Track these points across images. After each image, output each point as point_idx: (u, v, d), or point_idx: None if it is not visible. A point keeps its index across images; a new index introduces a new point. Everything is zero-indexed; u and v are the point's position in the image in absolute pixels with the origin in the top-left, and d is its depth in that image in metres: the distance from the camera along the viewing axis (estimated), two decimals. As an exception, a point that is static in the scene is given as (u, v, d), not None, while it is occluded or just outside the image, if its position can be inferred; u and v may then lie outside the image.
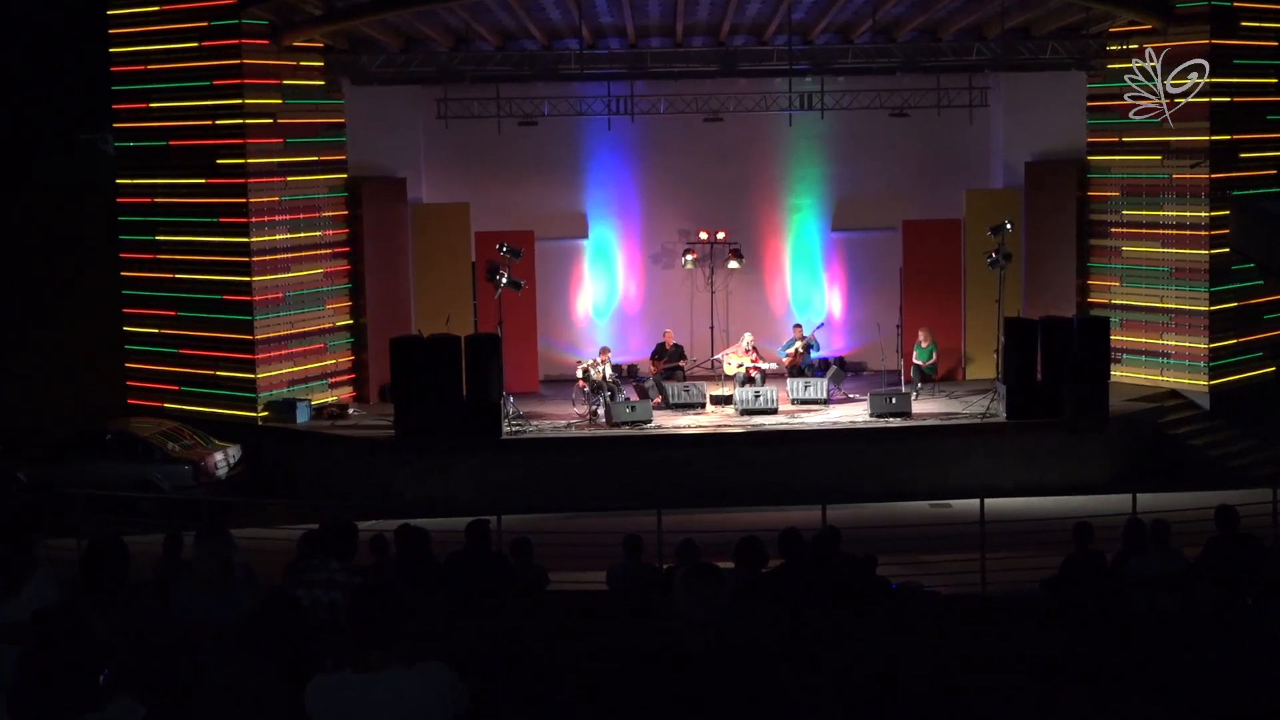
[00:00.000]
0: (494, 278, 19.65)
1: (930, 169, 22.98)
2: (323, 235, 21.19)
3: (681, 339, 22.14)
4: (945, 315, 22.32)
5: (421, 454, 18.70)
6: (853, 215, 23.35)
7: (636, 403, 19.77)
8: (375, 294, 21.62)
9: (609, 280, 23.68)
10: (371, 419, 20.18)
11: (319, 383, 21.14)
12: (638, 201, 23.49)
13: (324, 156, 21.05)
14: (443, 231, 22.13)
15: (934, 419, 19.42)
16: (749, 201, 23.38)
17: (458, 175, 22.89)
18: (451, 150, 22.67)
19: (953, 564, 13.44)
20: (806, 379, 20.77)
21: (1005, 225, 20.01)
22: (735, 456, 18.78)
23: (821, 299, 23.68)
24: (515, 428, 19.15)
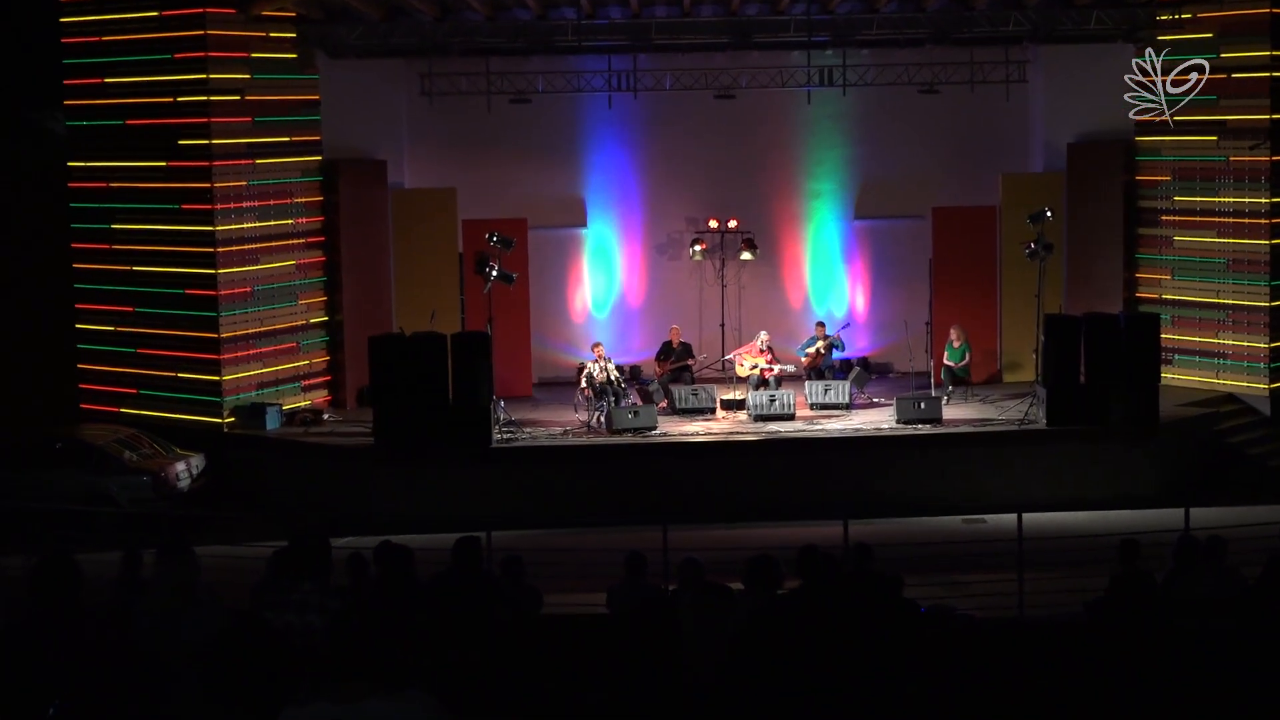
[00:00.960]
0: (483, 270, 19.65)
1: (963, 151, 22.97)
2: (295, 224, 21.19)
3: (689, 337, 22.14)
4: (979, 312, 22.31)
5: (403, 464, 18.71)
6: (877, 202, 23.35)
7: (640, 407, 19.77)
8: (353, 288, 21.63)
9: (610, 273, 23.69)
10: (348, 425, 20.19)
11: (291, 385, 21.15)
12: (641, 187, 23.50)
13: (296, 137, 21.06)
14: (427, 219, 22.13)
15: (967, 426, 19.41)
16: (763, 187, 23.37)
17: (443, 158, 22.89)
18: (437, 130, 22.66)
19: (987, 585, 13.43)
20: (827, 382, 20.78)
21: (1045, 213, 20.00)
22: (748, 467, 18.78)
23: (843, 293, 23.68)
24: (506, 435, 19.15)
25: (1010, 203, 22.03)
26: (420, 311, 20.59)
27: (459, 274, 22.04)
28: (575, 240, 23.59)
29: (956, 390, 21.13)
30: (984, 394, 21.35)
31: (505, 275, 19.76)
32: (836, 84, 22.02)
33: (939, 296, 22.40)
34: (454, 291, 22.07)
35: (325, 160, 21.40)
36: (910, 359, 21.02)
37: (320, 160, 21.36)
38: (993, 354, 22.56)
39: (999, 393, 21.41)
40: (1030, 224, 20.20)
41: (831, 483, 18.45)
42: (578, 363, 21.94)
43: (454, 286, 22.09)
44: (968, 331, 21.54)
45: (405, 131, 22.63)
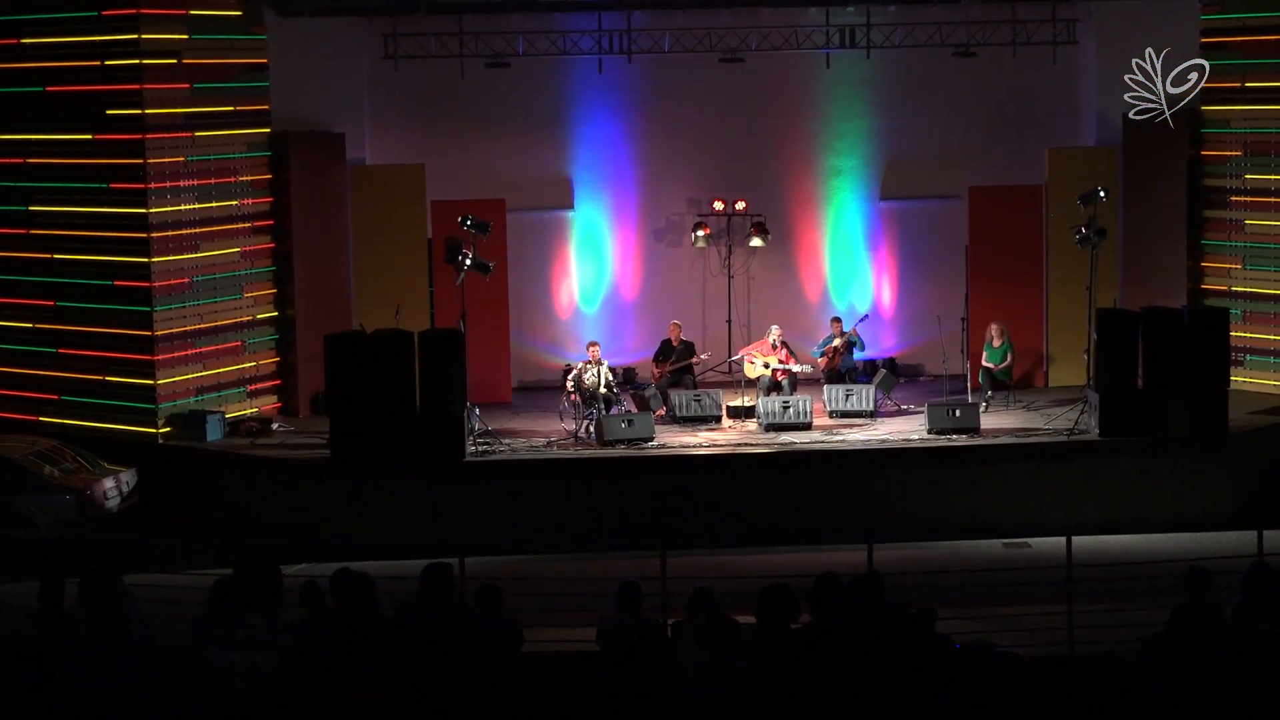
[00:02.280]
0: (455, 259, 19.63)
1: (1003, 122, 22.98)
2: (240, 205, 21.18)
3: (692, 335, 22.15)
4: (1022, 306, 22.32)
5: (364, 481, 18.69)
6: (906, 180, 23.34)
7: (635, 415, 19.77)
8: (306, 279, 21.62)
9: (600, 262, 23.68)
10: (301, 436, 20.18)
11: (235, 391, 21.13)
12: (636, 164, 23.49)
13: (241, 106, 21.04)
14: (391, 201, 22.11)
15: (1008, 436, 19.43)
16: (776, 164, 23.36)
17: (410, 130, 22.87)
18: (402, 99, 22.64)
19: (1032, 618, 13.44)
20: (848, 386, 20.78)
21: (1098, 193, 20.01)
22: (758, 483, 18.78)
23: (866, 285, 23.68)
24: (482, 448, 19.15)
25: (1058, 181, 22.03)
26: (384, 306, 20.56)
27: (428, 263, 22.01)
28: (561, 225, 23.57)
29: (996, 396, 21.14)
30: (1028, 400, 21.37)
31: (481, 264, 19.73)
32: (859, 45, 22.01)
33: (976, 288, 22.40)
34: (422, 283, 22.05)
35: (274, 133, 21.36)
36: (943, 360, 21.02)
37: (269, 133, 21.32)
38: (1038, 354, 22.57)
39: (1045, 399, 21.42)
40: (1081, 206, 20.21)
41: (853, 501, 18.44)
42: (563, 364, 21.93)
43: (422, 277, 22.07)
44: (1009, 329, 21.55)
45: (366, 100, 22.61)
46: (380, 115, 22.76)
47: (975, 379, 21.21)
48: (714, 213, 22.93)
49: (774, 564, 15.88)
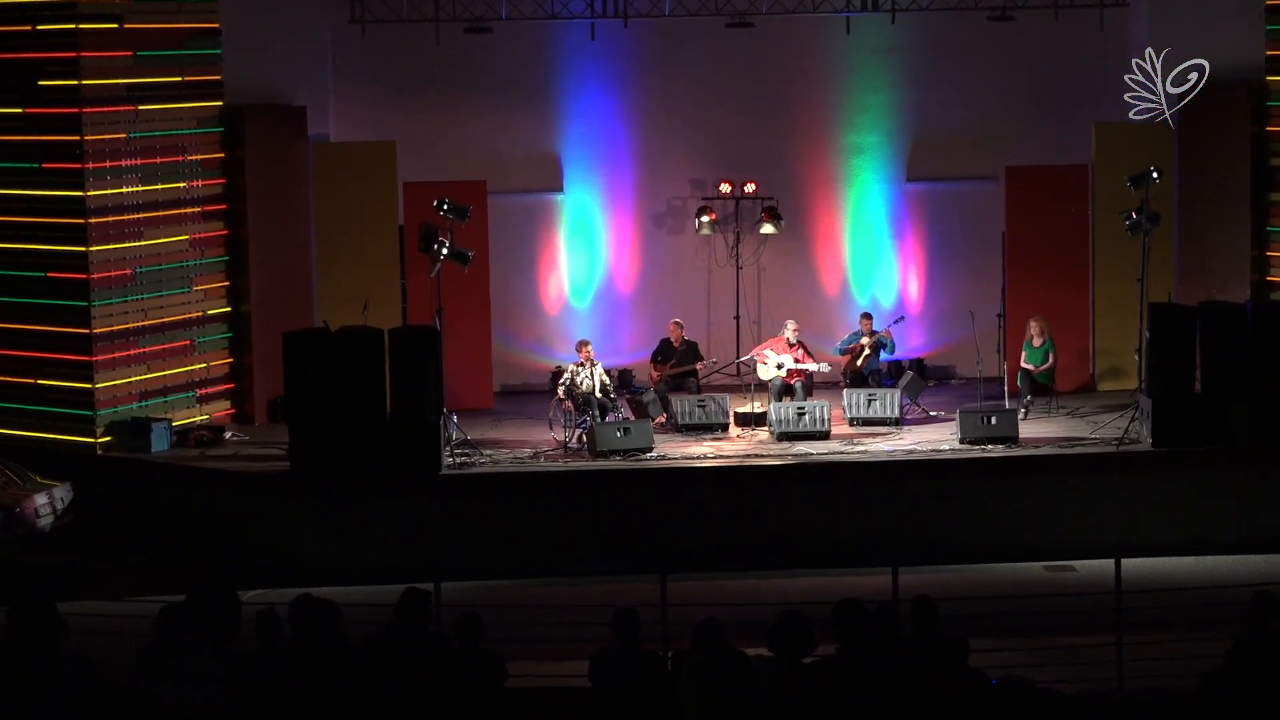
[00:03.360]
0: (431, 248, 19.62)
1: (1045, 94, 22.99)
2: (189, 188, 21.17)
3: (696, 333, 22.15)
4: (1066, 300, 22.33)
5: (328, 496, 18.68)
6: (936, 160, 23.34)
7: (632, 423, 19.77)
8: (263, 271, 21.61)
9: (593, 252, 23.69)
10: (257, 446, 20.17)
11: (183, 396, 21.12)
12: (633, 141, 23.49)
13: (191, 77, 21.03)
14: (359, 182, 22.11)
15: (1050, 447, 19.41)
16: (790, 141, 23.36)
17: (379, 103, 22.88)
18: (370, 68, 22.65)
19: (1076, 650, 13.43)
20: (871, 390, 20.78)
21: (1151, 174, 20.00)
22: (770, 499, 18.77)
23: (891, 277, 23.68)
24: (461, 459, 19.14)
25: (1106, 161, 22.02)
26: (350, 300, 20.55)
27: (399, 252, 22.02)
28: (549, 209, 23.58)
29: (1037, 401, 21.13)
30: (1072, 406, 21.36)
31: (459, 254, 19.72)
32: (883, 9, 22.00)
33: (1015, 281, 22.40)
34: (393, 275, 22.06)
35: (227, 107, 21.35)
36: (978, 361, 21.01)
37: (221, 107, 21.33)
38: (1083, 354, 22.58)
39: (1091, 404, 21.41)
40: (1131, 188, 20.20)
41: (877, 520, 18.43)
42: (552, 366, 21.92)
43: (393, 268, 22.08)
44: (1051, 326, 21.54)
45: (330, 69, 22.62)
46: (346, 86, 22.75)
47: (1013, 382, 21.17)
48: (720, 196, 22.91)
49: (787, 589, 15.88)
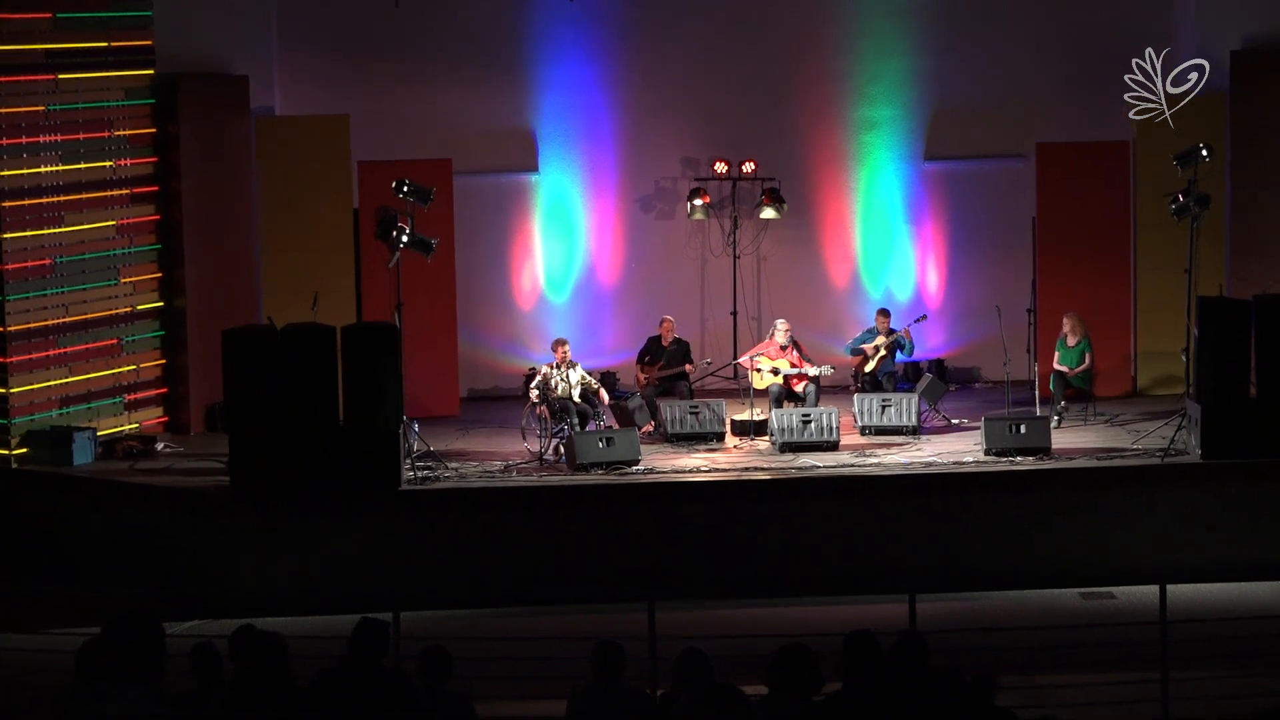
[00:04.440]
0: (389, 235, 19.58)
1: (1081, 63, 23.01)
2: (115, 167, 21.13)
3: (688, 331, 22.14)
4: (1104, 293, 22.36)
5: (273, 514, 18.65)
6: (958, 135, 23.37)
7: (616, 433, 19.74)
8: (200, 261, 21.58)
9: (571, 240, 23.69)
10: (193, 458, 20.13)
11: (110, 402, 21.08)
12: (617, 115, 23.49)
13: (118, 41, 20.99)
14: (308, 161, 22.09)
15: (1086, 458, 19.40)
16: (793, 114, 23.38)
17: (331, 72, 22.87)
18: (321, 33, 22.67)
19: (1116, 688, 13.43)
20: (885, 395, 20.76)
21: (1200, 152, 20.02)
22: (771, 518, 18.74)
23: (907, 268, 23.70)
24: (423, 473, 19.11)
25: (1149, 137, 22.04)
26: (298, 294, 20.53)
27: (354, 240, 22.00)
28: (522, 191, 23.58)
29: (1072, 407, 21.15)
30: (1111, 412, 21.37)
31: (420, 242, 19.69)
32: (899, -34, 22.06)
33: (1046, 272, 22.43)
34: (347, 265, 22.05)
35: (160, 76, 21.32)
36: (1005, 362, 21.01)
37: (152, 76, 21.29)
38: (1124, 355, 22.61)
39: (1133, 410, 21.43)
40: (1178, 167, 20.22)
41: (891, 541, 18.42)
42: (526, 368, 21.89)
43: (347, 258, 22.07)
44: (1088, 323, 21.55)
45: (275, 35, 22.59)
46: (293, 53, 22.73)
47: (1045, 386, 21.21)
48: (715, 177, 22.92)
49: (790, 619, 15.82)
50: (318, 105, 22.56)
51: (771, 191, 22.72)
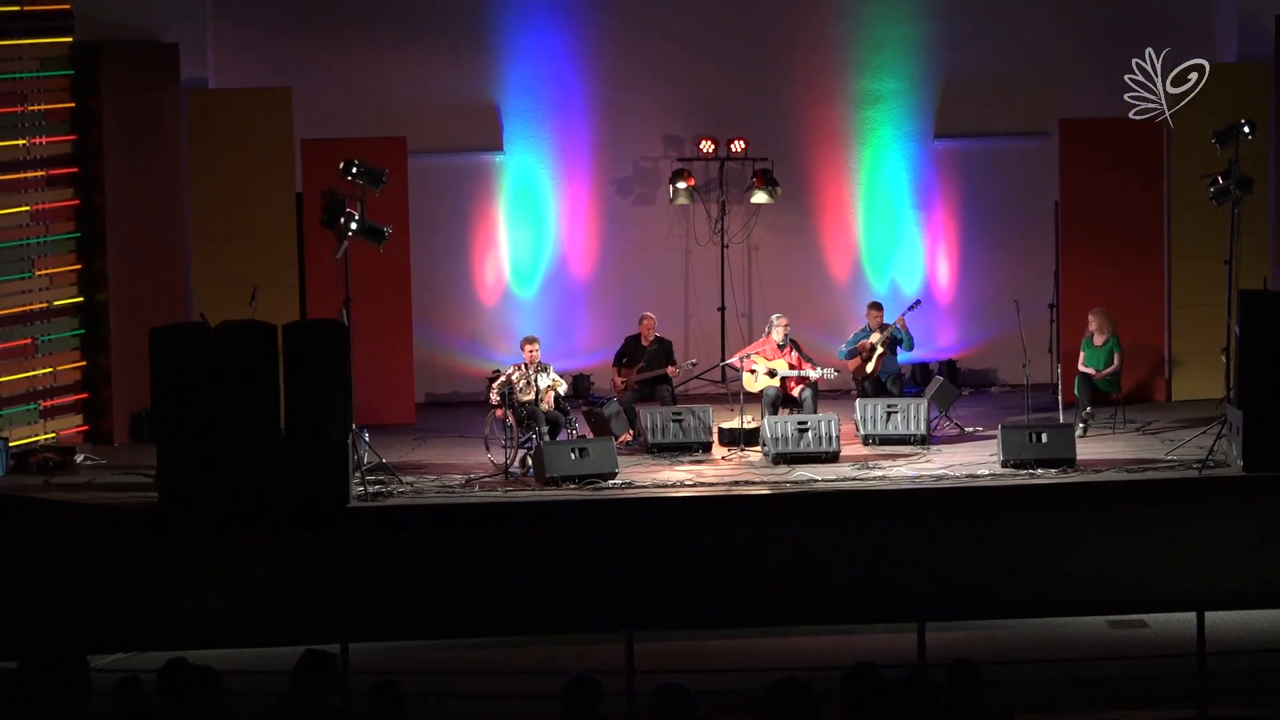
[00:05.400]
0: (336, 222, 19.57)
1: (1108, 30, 23.11)
2: (29, 146, 21.13)
3: (670, 329, 22.16)
4: (1135, 287, 22.43)
5: (206, 535, 18.63)
6: (971, 111, 23.45)
7: (589, 442, 19.74)
8: (125, 250, 21.58)
9: (540, 227, 23.71)
10: (117, 472, 20.12)
11: (23, 409, 21.07)
12: (591, 88, 23.51)
13: (32, 5, 20.98)
14: (246, 140, 22.10)
15: (1113, 471, 19.45)
16: (787, 87, 23.41)
17: (270, 40, 22.89)
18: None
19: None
20: (890, 400, 20.79)
21: (1241, 128, 20.09)
22: (763, 539, 18.76)
23: (915, 257, 23.74)
24: (374, 488, 19.11)
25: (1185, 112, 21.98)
26: (234, 288, 20.53)
27: (296, 228, 22.01)
28: (485, 173, 23.61)
29: (1099, 413, 21.19)
30: (1143, 419, 21.44)
31: (371, 229, 19.67)
32: (905, -78, 22.14)
33: (1070, 262, 22.48)
34: (289, 255, 22.07)
35: (79, 44, 21.31)
36: (1025, 363, 21.04)
37: (71, 44, 21.28)
38: (1157, 355, 22.68)
39: (1167, 417, 21.50)
40: (1217, 146, 20.28)
41: (898, 563, 18.43)
42: (490, 370, 21.89)
43: (289, 247, 22.09)
44: (1116, 320, 21.59)
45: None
46: (229, 19, 22.74)
47: (1069, 390, 21.26)
48: (701, 156, 22.93)
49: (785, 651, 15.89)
50: (256, 77, 22.53)
51: (763, 173, 22.73)
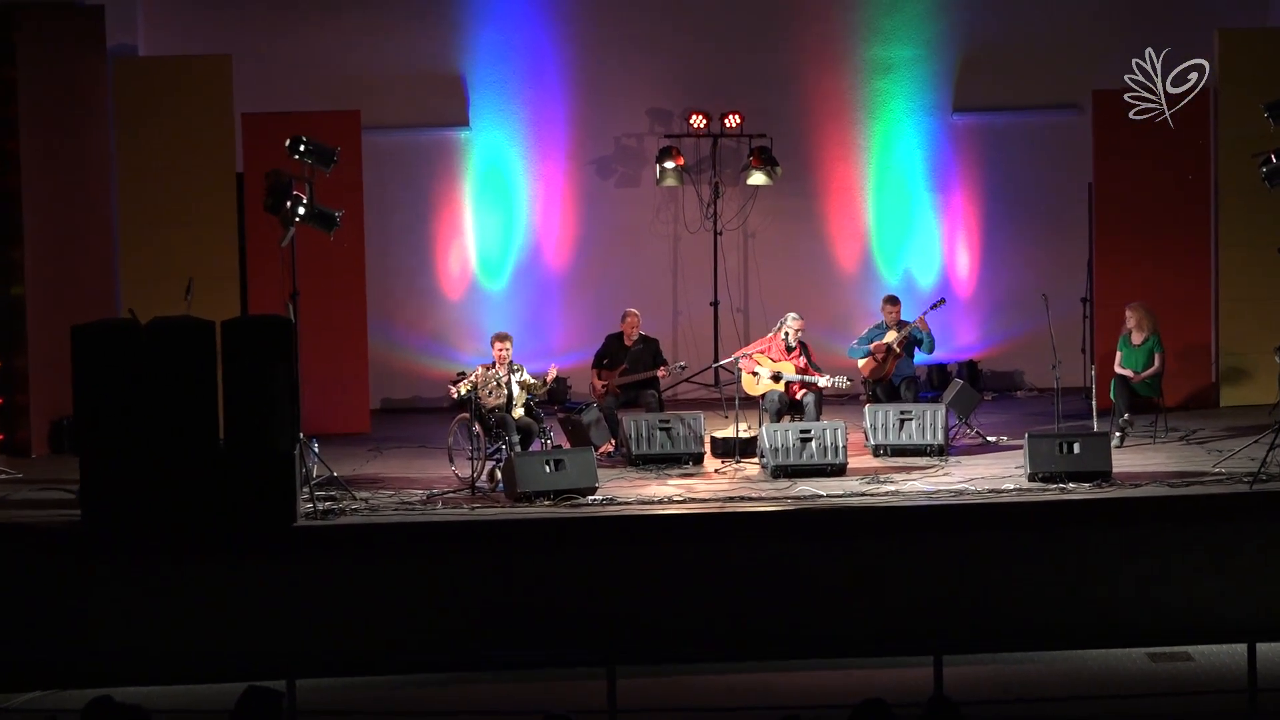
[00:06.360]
0: (282, 206, 19.55)
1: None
2: (-65, 119, 21.17)
3: (657, 327, 22.16)
4: (1178, 278, 22.49)
5: (136, 557, 18.60)
6: (994, 82, 23.53)
7: (566, 453, 19.74)
8: (43, 238, 21.61)
9: (510, 212, 23.75)
10: (34, 487, 20.12)
11: (-71, 416, 21.11)
12: (567, 57, 23.53)
13: (-63, -38, 21.03)
14: (179, 114, 22.14)
15: (1154, 485, 19.47)
16: (789, 56, 23.47)
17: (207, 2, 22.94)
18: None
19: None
20: (904, 406, 20.77)
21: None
22: (762, 562, 18.77)
23: (932, 246, 23.80)
24: (325, 505, 19.10)
25: (1234, 82, 22.18)
26: (167, 280, 20.52)
27: (237, 213, 22.03)
28: (449, 152, 23.70)
29: (1138, 421, 21.21)
30: (1187, 427, 21.48)
31: (321, 214, 19.66)
32: None
33: (1105, 251, 22.55)
34: (228, 244, 22.09)
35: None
36: (1054, 364, 21.05)
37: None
38: (1203, 355, 22.72)
39: (1214, 425, 21.55)
40: (1271, 121, 20.34)
41: (912, 589, 18.45)
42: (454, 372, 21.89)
43: (228, 234, 22.11)
44: (1157, 315, 21.61)
45: (138, -46, 22.65)
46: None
47: (1104, 395, 21.28)
48: (691, 133, 22.96)
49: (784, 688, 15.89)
50: (192, 44, 22.57)
51: (761, 151, 22.75)
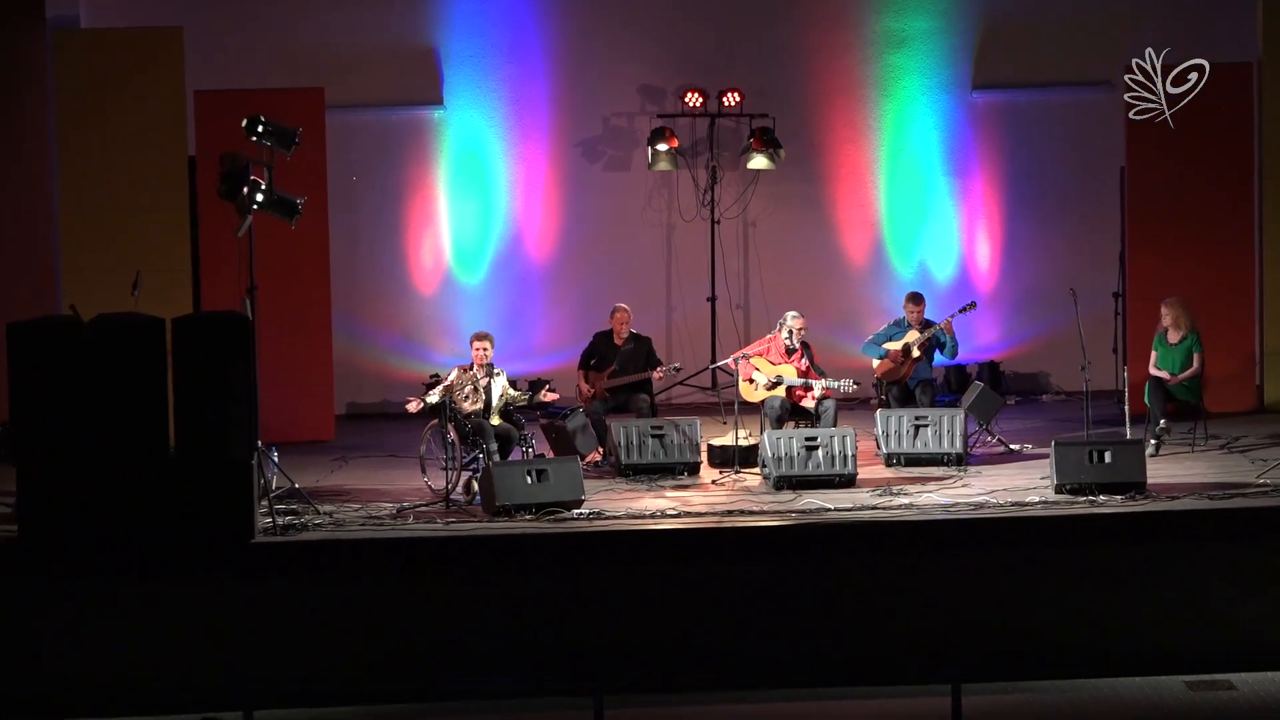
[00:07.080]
0: (239, 192, 19.51)
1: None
2: None
3: (649, 325, 22.15)
4: (1219, 273, 22.49)
5: (77, 576, 18.56)
6: (1017, 59, 23.57)
7: (550, 462, 19.72)
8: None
9: (488, 198, 23.78)
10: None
11: None
12: (551, 28, 23.54)
13: None
14: (125, 91, 22.14)
15: (1193, 497, 19.47)
16: (791, 29, 23.51)
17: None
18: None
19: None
20: (920, 411, 20.76)
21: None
22: (762, 581, 18.75)
23: (949, 236, 23.84)
24: (285, 519, 19.06)
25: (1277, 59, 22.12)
26: (113, 273, 20.49)
27: (189, 200, 22.02)
28: (422, 132, 23.75)
29: (1175, 427, 21.20)
30: (1227, 434, 21.50)
31: (281, 201, 19.63)
32: None
33: (1139, 244, 22.57)
34: (180, 233, 22.08)
35: (-81, -26, 21.36)
36: (1083, 365, 21.05)
37: (-91, -27, 21.32)
38: (1246, 356, 22.74)
39: (1257, 431, 21.60)
40: (1319, 101, 20.39)
41: (928, 611, 18.44)
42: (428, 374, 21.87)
43: (180, 223, 22.12)
44: (1196, 313, 21.60)
45: (80, -84, 22.63)
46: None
47: (1138, 399, 21.26)
48: (686, 112, 22.97)
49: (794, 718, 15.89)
50: (139, 16, 22.54)
51: (762, 132, 22.75)
